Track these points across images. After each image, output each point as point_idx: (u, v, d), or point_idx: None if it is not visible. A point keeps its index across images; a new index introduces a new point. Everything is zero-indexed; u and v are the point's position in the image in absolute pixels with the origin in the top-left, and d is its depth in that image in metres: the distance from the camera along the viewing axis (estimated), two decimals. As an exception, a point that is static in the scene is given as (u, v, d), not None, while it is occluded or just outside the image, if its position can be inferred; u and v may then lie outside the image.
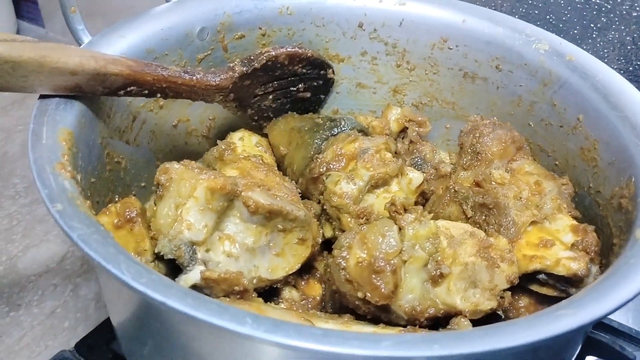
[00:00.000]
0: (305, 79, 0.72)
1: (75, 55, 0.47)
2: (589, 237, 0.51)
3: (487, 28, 0.66)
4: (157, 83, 0.54)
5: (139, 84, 0.52)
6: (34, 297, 0.78)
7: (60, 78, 0.46)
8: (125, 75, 0.51)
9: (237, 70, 0.63)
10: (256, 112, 0.70)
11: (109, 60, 0.50)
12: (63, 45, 0.47)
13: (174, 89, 0.56)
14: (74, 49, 0.48)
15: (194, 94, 0.59)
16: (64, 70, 0.46)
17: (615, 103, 0.55)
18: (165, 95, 0.56)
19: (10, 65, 0.42)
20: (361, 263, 0.48)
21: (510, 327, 0.33)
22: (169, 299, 0.31)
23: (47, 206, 0.37)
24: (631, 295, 0.35)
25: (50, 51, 0.45)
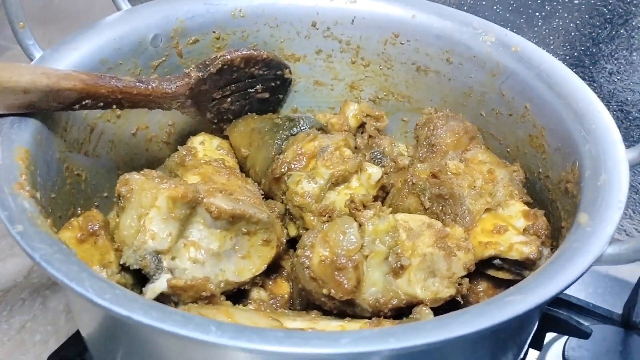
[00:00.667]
0: (262, 80, 0.72)
1: (27, 74, 0.47)
2: (539, 221, 0.54)
3: (436, 22, 0.68)
4: (111, 95, 0.54)
5: (94, 97, 0.52)
6: (2, 313, 0.77)
7: (13, 97, 0.46)
8: (79, 90, 0.51)
9: (192, 76, 0.63)
10: (215, 115, 0.71)
11: (61, 76, 0.50)
12: (13, 64, 0.47)
13: (130, 99, 0.56)
14: (25, 67, 0.48)
15: (150, 102, 0.59)
16: (16, 89, 0.46)
17: (559, 91, 0.58)
18: (121, 106, 0.56)
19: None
20: (324, 261, 0.50)
21: (462, 316, 0.35)
22: (134, 313, 0.32)
23: (8, 228, 0.38)
24: (574, 278, 0.38)
25: (1, 71, 0.45)
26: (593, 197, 0.45)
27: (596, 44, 0.74)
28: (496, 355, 0.50)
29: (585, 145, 0.51)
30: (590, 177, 0.48)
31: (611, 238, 0.41)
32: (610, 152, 0.48)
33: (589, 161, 0.49)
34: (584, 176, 0.49)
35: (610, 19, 0.71)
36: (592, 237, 0.41)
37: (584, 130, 0.52)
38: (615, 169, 0.46)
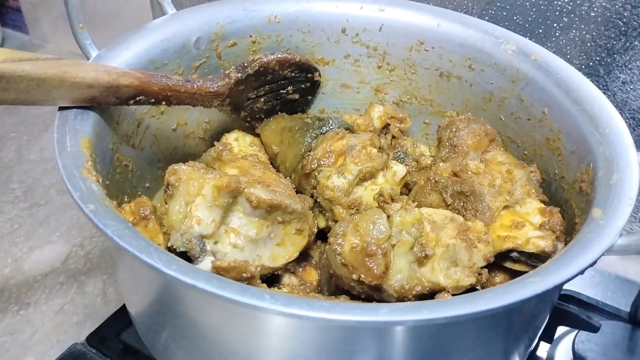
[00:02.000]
0: (293, 82, 0.77)
1: (91, 70, 0.51)
2: (554, 218, 0.58)
3: (460, 31, 0.72)
4: (162, 92, 0.59)
5: (147, 93, 0.57)
6: (41, 296, 0.82)
7: (79, 91, 0.51)
8: (135, 87, 0.55)
9: (232, 76, 0.68)
10: (249, 114, 0.75)
11: (120, 74, 0.54)
12: (79, 62, 0.52)
13: (177, 96, 0.61)
14: (89, 65, 0.53)
15: (194, 100, 0.64)
16: (82, 84, 0.51)
17: (575, 98, 0.61)
18: (169, 102, 0.61)
19: (35, 82, 0.47)
20: (355, 248, 0.54)
21: (488, 293, 0.39)
22: (198, 282, 0.37)
23: (81, 207, 0.42)
24: (587, 263, 0.41)
25: (70, 67, 0.49)
26: (606, 194, 0.49)
27: (611, 54, 0.78)
28: (509, 346, 0.54)
29: (599, 148, 0.54)
30: (603, 177, 0.52)
31: (622, 230, 0.45)
32: (622, 154, 0.52)
33: (602, 162, 0.53)
34: (597, 176, 0.53)
35: (625, 31, 0.75)
36: (604, 229, 0.45)
37: (598, 134, 0.56)
38: (627, 169, 0.50)
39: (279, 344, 0.43)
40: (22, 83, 0.46)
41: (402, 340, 0.43)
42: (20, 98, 0.48)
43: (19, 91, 0.47)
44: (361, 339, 0.42)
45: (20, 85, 0.46)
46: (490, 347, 0.51)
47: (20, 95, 0.47)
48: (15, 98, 0.47)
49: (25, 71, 0.46)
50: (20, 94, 0.47)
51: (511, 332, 0.52)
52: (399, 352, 0.43)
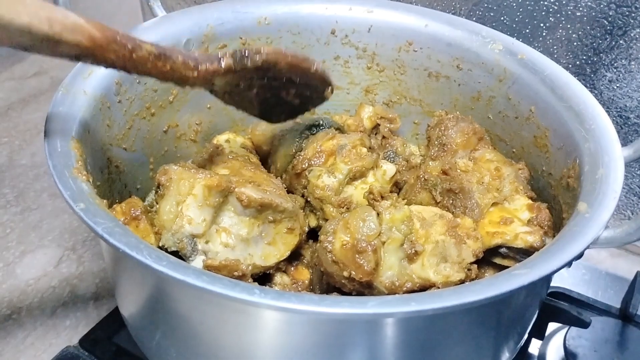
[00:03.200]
0: (299, 86, 0.67)
1: (26, 14, 0.41)
2: (542, 213, 0.58)
3: (448, 31, 0.73)
4: (120, 62, 0.48)
5: (98, 59, 0.47)
6: (34, 300, 0.82)
7: (6, 34, 0.41)
8: (83, 48, 0.45)
9: (223, 65, 0.57)
10: (233, 101, 0.65)
11: (68, 27, 0.43)
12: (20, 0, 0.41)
13: (143, 70, 0.51)
14: (31, 5, 0.42)
15: (165, 78, 0.53)
16: (9, 27, 0.40)
17: (561, 95, 0.62)
18: (127, 71, 0.50)
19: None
20: (345, 245, 0.54)
21: (475, 286, 0.39)
22: (188, 277, 0.37)
23: (71, 206, 0.42)
24: (573, 255, 0.42)
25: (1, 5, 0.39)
26: (591, 188, 0.50)
27: (597, 53, 0.79)
28: (499, 341, 0.55)
29: (585, 144, 0.55)
30: (589, 172, 0.52)
31: (607, 223, 0.45)
32: (607, 149, 0.53)
33: (588, 157, 0.54)
34: (583, 171, 0.53)
35: (610, 30, 0.76)
36: (590, 221, 0.45)
37: (584, 130, 0.57)
38: (612, 164, 0.51)
39: (270, 340, 0.43)
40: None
41: (392, 335, 0.43)
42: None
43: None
44: (351, 333, 0.42)
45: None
46: (479, 342, 0.51)
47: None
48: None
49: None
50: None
51: (500, 326, 0.52)
52: (388, 346, 0.44)
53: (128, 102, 0.64)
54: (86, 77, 0.58)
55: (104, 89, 0.60)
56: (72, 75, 0.58)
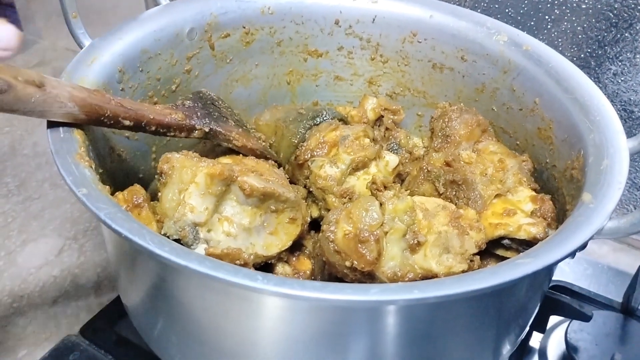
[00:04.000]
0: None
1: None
2: (546, 205, 0.58)
3: (452, 22, 0.73)
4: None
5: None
6: (35, 289, 0.82)
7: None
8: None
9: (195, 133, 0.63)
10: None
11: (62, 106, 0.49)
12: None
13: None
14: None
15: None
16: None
17: (566, 87, 0.62)
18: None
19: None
20: (348, 235, 0.54)
21: (478, 274, 0.39)
22: (191, 263, 0.37)
23: (74, 191, 0.42)
24: (577, 245, 0.42)
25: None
26: (596, 179, 0.49)
27: (602, 46, 0.78)
28: (500, 333, 0.55)
29: (589, 135, 0.55)
30: (593, 163, 0.52)
31: (611, 213, 0.45)
32: (612, 141, 0.53)
33: (592, 149, 0.53)
34: (587, 162, 0.53)
35: (616, 23, 0.76)
36: (594, 212, 0.45)
37: (589, 122, 0.56)
38: (616, 155, 0.51)
39: (272, 327, 0.43)
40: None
41: (394, 323, 0.43)
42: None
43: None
44: (353, 321, 0.42)
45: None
46: (480, 333, 0.51)
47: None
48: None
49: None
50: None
51: (502, 318, 0.52)
52: (390, 334, 0.44)
53: (131, 90, 0.64)
54: (89, 64, 0.58)
55: (107, 77, 0.59)
56: (75, 63, 0.57)
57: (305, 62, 0.80)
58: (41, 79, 0.47)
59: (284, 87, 0.82)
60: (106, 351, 0.68)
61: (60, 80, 0.50)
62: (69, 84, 0.50)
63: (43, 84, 0.47)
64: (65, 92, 0.49)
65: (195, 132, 0.63)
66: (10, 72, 0.45)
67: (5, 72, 0.44)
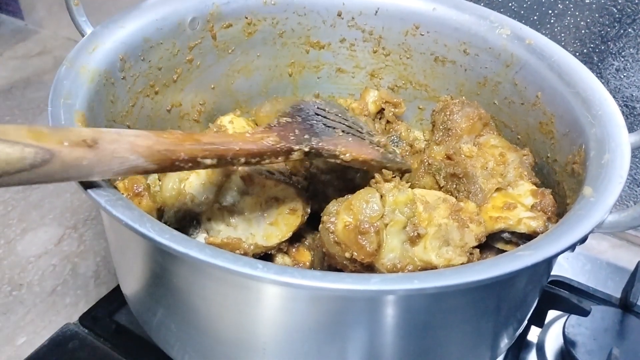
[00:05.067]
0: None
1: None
2: (546, 199, 0.58)
3: (455, 15, 0.73)
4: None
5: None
6: (34, 277, 0.82)
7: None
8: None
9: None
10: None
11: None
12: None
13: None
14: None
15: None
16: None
17: (568, 81, 0.62)
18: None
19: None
20: (348, 226, 0.54)
21: (478, 265, 0.39)
22: (191, 250, 0.37)
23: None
24: (577, 238, 0.42)
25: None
26: (597, 173, 0.49)
27: (605, 41, 0.78)
28: (498, 326, 0.55)
29: (591, 129, 0.55)
30: (594, 157, 0.52)
31: (612, 207, 0.45)
32: (614, 135, 0.53)
33: (594, 143, 0.53)
34: (589, 156, 0.53)
35: (619, 18, 0.76)
36: (595, 205, 0.45)
37: (591, 116, 0.56)
38: (618, 149, 0.51)
39: (272, 316, 0.43)
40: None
41: (393, 314, 0.43)
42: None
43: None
44: (353, 311, 0.42)
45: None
46: (479, 326, 0.51)
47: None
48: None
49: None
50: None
51: (500, 311, 0.52)
52: (389, 325, 0.44)
53: (132, 79, 0.64)
54: (91, 52, 0.58)
55: (109, 65, 0.59)
56: (77, 50, 0.57)
57: (307, 54, 0.80)
58: (95, 136, 0.41)
59: (286, 79, 0.81)
60: (105, 340, 0.69)
61: (121, 130, 0.44)
62: (132, 132, 0.44)
63: (96, 141, 0.41)
64: (126, 145, 0.42)
65: (293, 154, 0.53)
66: (55, 137, 0.39)
67: (47, 138, 0.38)
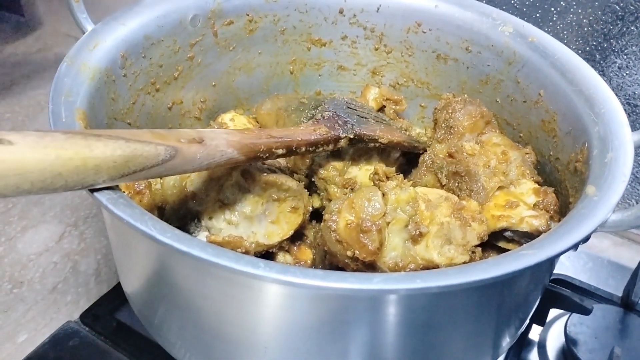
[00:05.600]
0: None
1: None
2: (549, 197, 0.58)
3: (457, 12, 0.72)
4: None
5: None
6: (35, 275, 0.82)
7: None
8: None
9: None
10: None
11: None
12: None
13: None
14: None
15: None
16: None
17: (571, 79, 0.62)
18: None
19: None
20: (350, 225, 0.54)
21: (481, 265, 0.39)
22: (193, 249, 0.37)
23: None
24: (581, 237, 0.42)
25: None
26: (600, 172, 0.49)
27: (607, 39, 0.78)
28: (500, 325, 0.55)
29: (594, 127, 0.55)
30: (597, 156, 0.52)
31: (615, 206, 0.45)
32: (617, 133, 0.52)
33: (597, 141, 0.53)
34: (592, 155, 0.53)
35: (622, 16, 0.75)
36: (598, 204, 0.45)
37: (594, 114, 0.56)
38: (621, 148, 0.51)
39: (274, 315, 0.43)
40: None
41: (395, 312, 0.43)
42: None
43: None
44: (354, 311, 0.42)
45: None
46: (481, 325, 0.51)
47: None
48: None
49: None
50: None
51: (502, 310, 0.52)
52: (391, 324, 0.44)
53: (133, 76, 0.63)
54: (91, 49, 0.58)
55: (109, 62, 0.59)
56: (77, 47, 0.57)
57: (309, 51, 0.79)
58: (200, 135, 0.47)
59: (287, 76, 0.81)
60: (106, 337, 0.68)
61: (215, 130, 0.50)
62: (222, 130, 0.50)
63: (202, 139, 0.47)
64: (223, 140, 0.49)
65: (341, 141, 0.62)
66: (173, 136, 0.45)
67: (169, 138, 0.44)
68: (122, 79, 0.62)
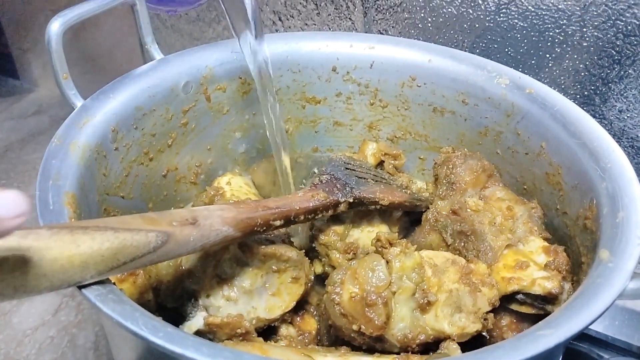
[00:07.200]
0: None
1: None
2: (560, 257, 0.56)
3: (452, 66, 0.71)
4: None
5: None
6: (31, 351, 0.79)
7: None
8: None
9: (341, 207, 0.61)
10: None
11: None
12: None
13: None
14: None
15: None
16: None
17: (573, 131, 0.60)
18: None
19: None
20: (354, 297, 0.51)
21: (496, 351, 0.37)
22: (187, 350, 0.34)
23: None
24: (599, 312, 0.39)
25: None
26: (612, 233, 0.47)
27: (606, 83, 0.77)
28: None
29: (602, 183, 0.53)
30: (608, 214, 0.50)
31: (632, 273, 0.43)
32: (626, 190, 0.50)
33: (606, 199, 0.51)
34: (602, 213, 0.51)
35: (619, 60, 0.74)
36: (614, 272, 0.43)
37: (600, 169, 0.54)
38: (632, 205, 0.49)
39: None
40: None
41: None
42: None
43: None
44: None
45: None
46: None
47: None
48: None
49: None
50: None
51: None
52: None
53: (125, 148, 0.62)
54: (81, 126, 0.56)
55: (100, 138, 0.58)
56: (66, 125, 0.56)
57: (304, 109, 0.78)
58: (193, 215, 0.46)
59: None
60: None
61: (208, 207, 0.49)
62: (217, 207, 0.49)
63: (196, 219, 0.46)
64: (217, 218, 0.48)
65: (340, 205, 0.60)
66: (164, 220, 0.44)
67: (160, 222, 0.43)
68: (113, 152, 0.60)
